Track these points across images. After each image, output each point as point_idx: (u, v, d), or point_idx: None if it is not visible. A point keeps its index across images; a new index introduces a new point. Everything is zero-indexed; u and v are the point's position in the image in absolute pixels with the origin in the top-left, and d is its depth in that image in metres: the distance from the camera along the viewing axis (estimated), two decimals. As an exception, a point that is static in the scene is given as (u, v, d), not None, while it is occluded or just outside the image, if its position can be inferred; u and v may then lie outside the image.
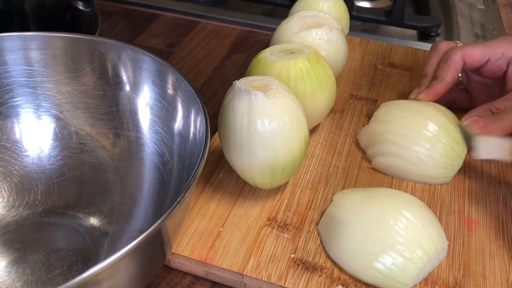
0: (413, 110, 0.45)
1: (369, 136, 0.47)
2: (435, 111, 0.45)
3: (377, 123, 0.47)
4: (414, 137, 0.44)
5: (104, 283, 0.26)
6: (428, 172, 0.44)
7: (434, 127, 0.44)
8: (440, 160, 0.44)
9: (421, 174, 0.44)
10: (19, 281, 0.37)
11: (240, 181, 0.44)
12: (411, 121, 0.45)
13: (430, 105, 0.46)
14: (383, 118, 0.47)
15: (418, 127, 0.44)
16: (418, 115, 0.45)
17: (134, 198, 0.41)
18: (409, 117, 0.45)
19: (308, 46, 0.46)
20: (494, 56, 0.47)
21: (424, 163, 0.44)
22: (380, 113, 0.47)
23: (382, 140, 0.46)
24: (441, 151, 0.43)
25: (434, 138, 0.43)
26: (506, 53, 0.47)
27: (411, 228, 0.36)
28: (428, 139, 0.43)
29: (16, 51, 0.41)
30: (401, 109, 0.46)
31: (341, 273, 0.37)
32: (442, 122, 0.44)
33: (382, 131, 0.46)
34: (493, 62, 0.47)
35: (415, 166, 0.44)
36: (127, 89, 0.42)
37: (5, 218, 0.41)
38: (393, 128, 0.45)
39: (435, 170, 0.44)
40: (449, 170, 0.44)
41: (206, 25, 0.72)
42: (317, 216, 0.42)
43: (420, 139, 0.44)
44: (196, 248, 0.38)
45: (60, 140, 0.43)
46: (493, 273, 0.38)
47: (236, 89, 0.38)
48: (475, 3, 0.80)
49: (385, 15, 0.69)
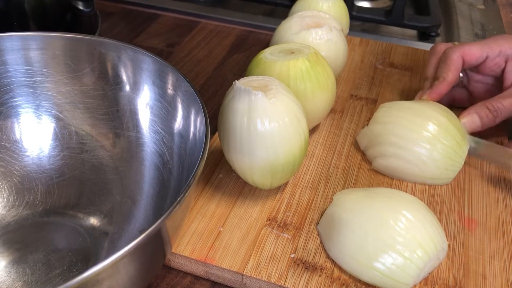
0: (413, 111, 0.45)
1: (369, 138, 0.47)
2: (435, 112, 0.45)
3: (377, 124, 0.47)
4: (414, 138, 0.44)
5: (104, 283, 0.26)
6: (430, 173, 0.44)
7: (434, 128, 0.44)
8: (442, 161, 0.44)
9: (422, 176, 0.44)
10: (19, 281, 0.37)
11: (240, 181, 0.44)
12: (410, 122, 0.44)
13: (429, 105, 0.46)
14: (382, 120, 0.47)
15: (418, 128, 0.44)
16: (417, 116, 0.45)
17: (134, 198, 0.41)
18: (409, 118, 0.45)
19: (308, 46, 0.46)
20: (492, 54, 0.48)
21: (425, 164, 0.44)
22: (379, 115, 0.47)
23: (382, 142, 0.45)
24: (442, 151, 0.43)
25: (435, 138, 0.43)
26: (503, 50, 0.47)
27: (411, 228, 0.36)
28: (428, 139, 0.43)
29: (16, 51, 0.41)
30: (400, 110, 0.46)
31: (341, 273, 0.37)
32: (442, 122, 0.44)
33: (382, 133, 0.46)
34: (491, 60, 0.48)
35: (417, 167, 0.44)
36: (127, 89, 0.42)
37: (5, 218, 0.41)
38: (392, 129, 0.45)
39: (436, 171, 0.44)
40: (450, 171, 0.44)
41: (206, 25, 0.72)
42: (317, 216, 0.42)
43: (421, 140, 0.43)
44: (196, 248, 0.38)
45: (60, 140, 0.43)
46: (493, 273, 0.38)
47: (236, 89, 0.38)
48: (475, 3, 0.80)
49: (385, 15, 0.69)
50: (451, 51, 0.48)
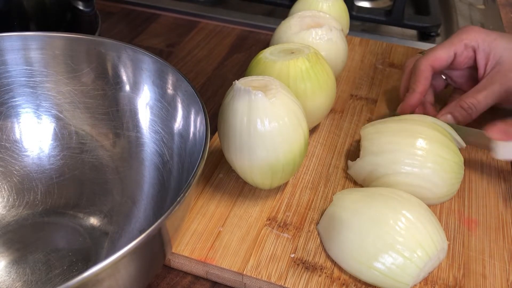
0: (398, 129, 0.43)
1: (367, 171, 0.44)
2: (421, 127, 0.43)
3: (371, 156, 0.43)
4: (419, 161, 0.41)
5: (104, 283, 0.26)
6: (440, 193, 0.42)
7: (429, 144, 0.41)
8: (448, 176, 0.41)
9: (434, 198, 0.42)
10: (19, 281, 0.37)
11: (240, 181, 0.44)
12: (406, 145, 0.42)
13: (413, 121, 0.44)
14: (376, 149, 0.43)
15: (414, 149, 0.41)
16: (403, 134, 0.42)
17: (134, 198, 0.41)
18: (401, 141, 0.42)
19: (308, 46, 0.46)
20: (459, 49, 0.49)
21: (436, 185, 0.41)
22: (368, 144, 0.44)
23: (385, 173, 0.42)
24: (447, 167, 0.41)
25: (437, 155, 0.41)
26: (467, 43, 0.49)
27: (411, 227, 0.36)
28: (432, 159, 0.41)
29: (16, 51, 0.41)
30: (388, 136, 0.43)
31: (341, 273, 0.37)
32: (432, 136, 0.42)
33: (382, 163, 0.42)
34: (460, 55, 0.49)
35: (428, 191, 0.42)
36: (127, 89, 0.42)
37: (5, 218, 0.41)
38: (392, 157, 0.42)
39: (445, 189, 0.42)
40: (455, 185, 0.43)
41: (206, 25, 0.72)
42: (317, 216, 0.42)
43: (426, 161, 0.41)
44: (196, 248, 0.38)
45: (60, 140, 0.43)
46: (493, 273, 0.38)
47: (236, 89, 0.38)
48: (475, 3, 0.80)
49: (385, 15, 0.69)
50: (419, 63, 0.49)
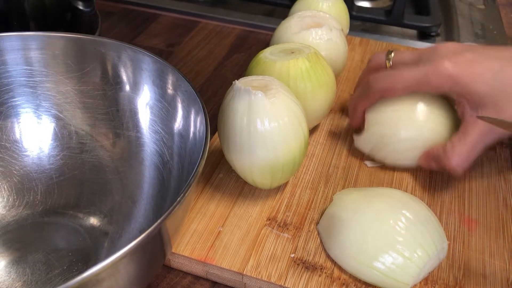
0: (400, 98, 0.45)
1: (373, 143, 0.46)
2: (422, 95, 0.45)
3: (377, 126, 0.46)
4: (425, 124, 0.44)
5: (104, 283, 0.26)
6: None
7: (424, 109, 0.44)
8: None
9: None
10: (19, 281, 0.37)
11: (240, 181, 0.44)
12: (409, 111, 0.44)
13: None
14: (377, 120, 0.45)
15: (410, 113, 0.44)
16: (406, 101, 0.45)
17: (134, 198, 0.41)
18: (405, 108, 0.45)
19: (308, 46, 0.46)
20: None
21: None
22: (371, 116, 0.46)
23: (393, 141, 0.45)
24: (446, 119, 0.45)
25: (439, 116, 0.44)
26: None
27: (411, 227, 0.36)
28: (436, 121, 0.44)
29: (16, 51, 0.41)
30: (392, 106, 0.45)
31: (341, 273, 0.37)
32: (430, 101, 0.45)
33: (389, 133, 0.45)
34: None
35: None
36: (127, 89, 0.42)
37: (5, 218, 0.41)
38: (399, 124, 0.44)
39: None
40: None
41: (206, 25, 0.72)
42: (317, 216, 0.42)
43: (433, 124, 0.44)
44: (196, 248, 0.38)
45: (60, 140, 0.43)
46: (493, 273, 0.38)
47: (236, 89, 0.38)
48: (475, 3, 0.80)
49: (385, 15, 0.69)
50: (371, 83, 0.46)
